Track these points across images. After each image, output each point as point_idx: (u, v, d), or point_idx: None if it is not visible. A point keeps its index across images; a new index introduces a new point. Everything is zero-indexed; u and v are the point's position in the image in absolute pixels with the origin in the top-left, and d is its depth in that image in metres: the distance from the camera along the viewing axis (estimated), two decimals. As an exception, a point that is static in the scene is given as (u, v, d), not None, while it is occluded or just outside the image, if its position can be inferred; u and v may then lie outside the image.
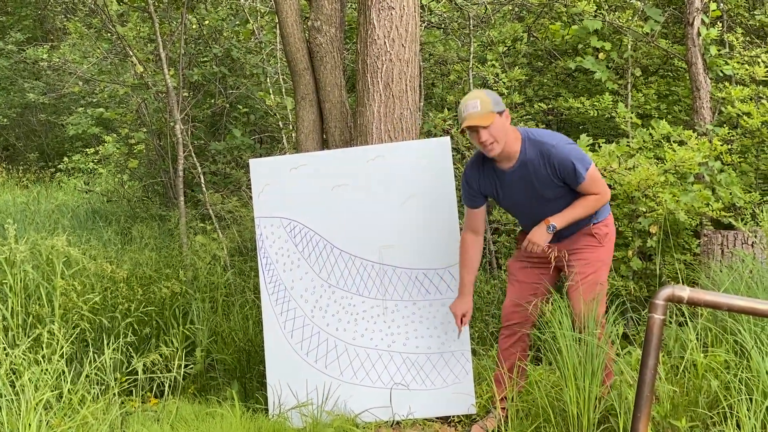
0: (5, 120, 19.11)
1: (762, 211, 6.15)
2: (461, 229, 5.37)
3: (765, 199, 7.16)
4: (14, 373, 4.98)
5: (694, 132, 7.12)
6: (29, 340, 5.33)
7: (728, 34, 8.38)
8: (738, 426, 4.26)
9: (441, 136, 7.74)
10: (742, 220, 6.48)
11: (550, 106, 8.53)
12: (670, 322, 5.24)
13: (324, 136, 6.46)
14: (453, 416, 5.55)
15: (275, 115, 10.65)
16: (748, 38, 8.94)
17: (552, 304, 4.92)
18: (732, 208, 6.97)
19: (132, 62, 10.86)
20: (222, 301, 6.92)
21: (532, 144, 4.87)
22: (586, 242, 5.02)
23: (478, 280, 7.57)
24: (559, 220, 4.84)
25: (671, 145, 6.92)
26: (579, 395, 4.60)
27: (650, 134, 7.23)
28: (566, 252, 5.01)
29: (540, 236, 4.87)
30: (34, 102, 17.53)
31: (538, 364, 5.80)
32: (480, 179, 5.10)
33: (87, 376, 5.16)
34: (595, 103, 7.90)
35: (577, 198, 4.88)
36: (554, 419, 4.74)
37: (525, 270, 5.20)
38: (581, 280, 4.92)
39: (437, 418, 5.55)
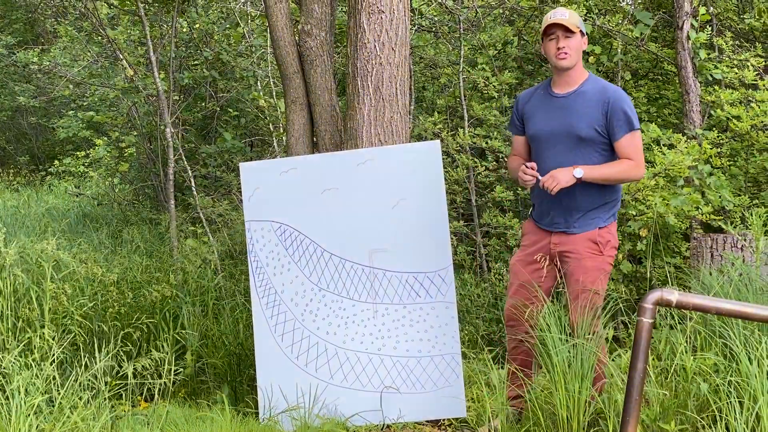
0: (-4, 123, 19.11)
1: (751, 215, 6.16)
2: (451, 233, 5.38)
3: (754, 202, 7.18)
4: (4, 378, 4.97)
5: (683, 135, 7.14)
6: (20, 345, 5.32)
7: (717, 38, 8.41)
8: (727, 429, 4.27)
9: (431, 139, 7.76)
10: (732, 223, 6.50)
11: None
12: (661, 326, 5.25)
13: (314, 140, 6.46)
14: (443, 419, 5.55)
15: (266, 118, 10.65)
16: (737, 42, 8.96)
17: (543, 308, 4.91)
18: (721, 211, 6.99)
19: (122, 65, 10.85)
20: (212, 304, 6.92)
21: (596, 81, 4.98)
22: (588, 248, 4.94)
23: (468, 283, 7.58)
24: (587, 171, 4.76)
25: (661, 148, 6.94)
26: (569, 398, 4.60)
27: (640, 138, 7.25)
28: (567, 254, 4.99)
29: (564, 176, 4.75)
30: (25, 105, 17.52)
31: (540, 367, 5.80)
32: (529, 100, 5.17)
33: (77, 381, 5.14)
34: (585, 107, 7.90)
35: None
36: (544, 422, 4.74)
37: (527, 269, 5.13)
38: (581, 291, 4.89)
39: (428, 421, 5.55)
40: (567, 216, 4.96)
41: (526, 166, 4.91)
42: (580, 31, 4.91)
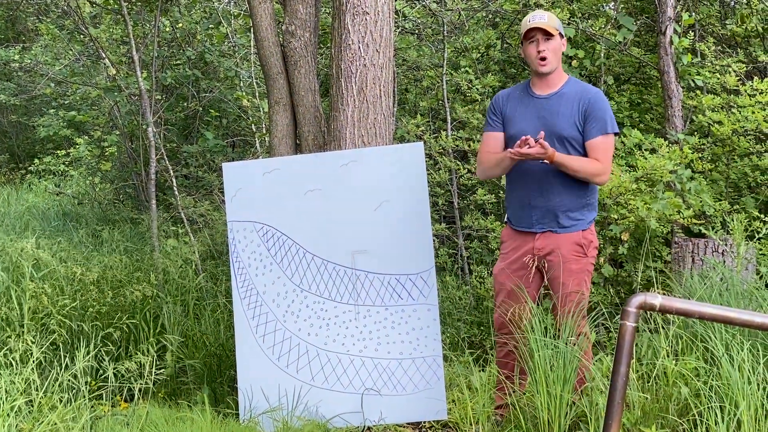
0: (-25, 121, 18.99)
1: (732, 220, 6.19)
2: (434, 235, 5.38)
3: (735, 207, 7.21)
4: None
5: (665, 140, 7.17)
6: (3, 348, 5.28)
7: (700, 44, 8.44)
8: (708, 433, 4.29)
9: (414, 141, 7.75)
10: (713, 228, 6.52)
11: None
12: (644, 330, 5.26)
13: (297, 141, 6.45)
14: (424, 422, 5.55)
15: (248, 118, 10.63)
16: (719, 47, 9.00)
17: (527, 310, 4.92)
18: (702, 216, 7.02)
19: (105, 64, 10.80)
20: (193, 304, 6.89)
21: (576, 83, 5.04)
22: (573, 250, 4.97)
23: (449, 285, 7.58)
24: (559, 155, 4.77)
25: (643, 153, 6.96)
26: (550, 401, 4.61)
27: (622, 142, 7.27)
28: (552, 258, 4.99)
29: (536, 150, 4.70)
30: (5, 103, 17.40)
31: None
32: (508, 98, 5.21)
33: (57, 381, 5.11)
34: (568, 111, 7.91)
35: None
36: (525, 425, 4.74)
37: (512, 276, 5.14)
38: (567, 294, 4.89)
39: (408, 423, 5.55)
40: (552, 215, 4.98)
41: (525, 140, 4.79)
42: (560, 33, 4.96)
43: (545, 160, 4.77)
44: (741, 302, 5.27)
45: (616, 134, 4.98)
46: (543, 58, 4.94)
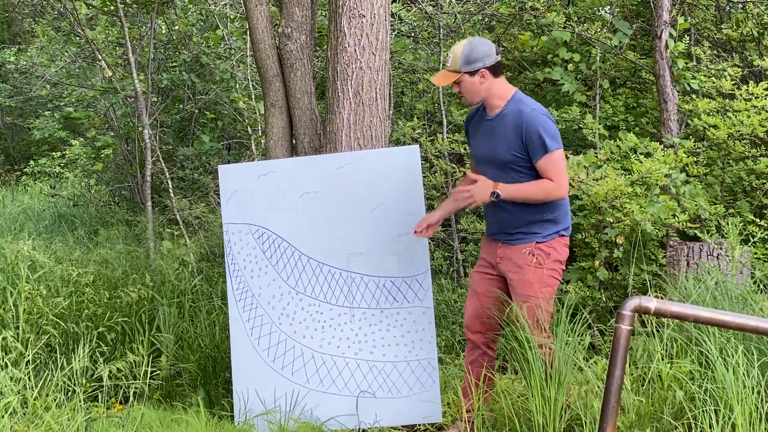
0: (-30, 123, 18.96)
1: (727, 224, 6.20)
2: (429, 239, 5.39)
3: (730, 211, 7.22)
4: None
5: (661, 144, 7.18)
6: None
7: (695, 48, 8.45)
8: (702, 436, 4.29)
9: (410, 144, 7.76)
10: (708, 232, 6.53)
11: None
12: (639, 333, 5.27)
13: (293, 143, 6.45)
14: (419, 424, 5.55)
15: (244, 121, 10.62)
16: (715, 52, 9.01)
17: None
18: (697, 220, 7.03)
19: (101, 66, 10.79)
20: (189, 306, 6.88)
21: (515, 104, 4.91)
22: (526, 261, 4.92)
23: (445, 288, 7.59)
24: (505, 190, 4.75)
25: (638, 156, 6.97)
26: (545, 405, 4.61)
27: (618, 146, 7.28)
28: (508, 267, 5.00)
29: (482, 193, 4.78)
30: (1, 105, 17.37)
31: (504, 373, 5.81)
32: (472, 120, 5.21)
33: (53, 382, 5.11)
34: (564, 114, 7.93)
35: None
36: (520, 429, 4.75)
37: (484, 280, 5.17)
38: (522, 302, 4.89)
39: (403, 426, 5.55)
40: (505, 229, 5.00)
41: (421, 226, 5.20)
42: (468, 72, 4.85)
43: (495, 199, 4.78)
44: (735, 306, 5.28)
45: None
46: (460, 96, 5.02)
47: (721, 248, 6.19)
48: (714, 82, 8.04)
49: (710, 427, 4.26)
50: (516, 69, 9.40)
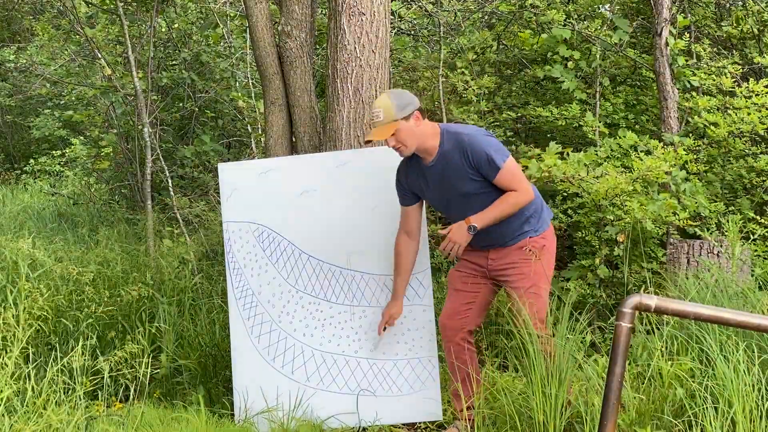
0: (-29, 122, 18.96)
1: (727, 221, 6.19)
2: (429, 236, 5.39)
3: (730, 209, 7.22)
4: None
5: (661, 142, 7.17)
6: None
7: (696, 45, 8.45)
8: (703, 434, 4.29)
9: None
10: (708, 229, 6.52)
11: (518, 114, 8.55)
12: (640, 331, 5.26)
13: (293, 141, 6.45)
14: (419, 422, 5.55)
15: (244, 119, 10.61)
16: (715, 49, 9.01)
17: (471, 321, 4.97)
18: (698, 217, 7.02)
19: (100, 65, 10.78)
20: (189, 305, 6.88)
21: (450, 136, 4.86)
22: (521, 256, 4.96)
23: (445, 286, 7.56)
24: (479, 220, 4.76)
25: (638, 154, 6.97)
26: (546, 402, 4.60)
27: (618, 143, 7.27)
28: (504, 267, 5.02)
29: (460, 235, 4.79)
30: (0, 104, 17.38)
31: (505, 371, 5.81)
32: (408, 175, 5.11)
33: (52, 379, 5.10)
34: (564, 112, 7.93)
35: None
36: (520, 426, 4.74)
37: (463, 279, 5.20)
38: (521, 296, 4.88)
39: (404, 424, 5.55)
40: (498, 242, 5.00)
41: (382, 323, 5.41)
42: (401, 118, 4.79)
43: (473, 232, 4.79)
44: (736, 303, 5.28)
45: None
46: (397, 149, 4.90)
47: (721, 246, 6.19)
48: (714, 80, 8.04)
49: (711, 425, 4.25)
50: (516, 67, 9.40)
